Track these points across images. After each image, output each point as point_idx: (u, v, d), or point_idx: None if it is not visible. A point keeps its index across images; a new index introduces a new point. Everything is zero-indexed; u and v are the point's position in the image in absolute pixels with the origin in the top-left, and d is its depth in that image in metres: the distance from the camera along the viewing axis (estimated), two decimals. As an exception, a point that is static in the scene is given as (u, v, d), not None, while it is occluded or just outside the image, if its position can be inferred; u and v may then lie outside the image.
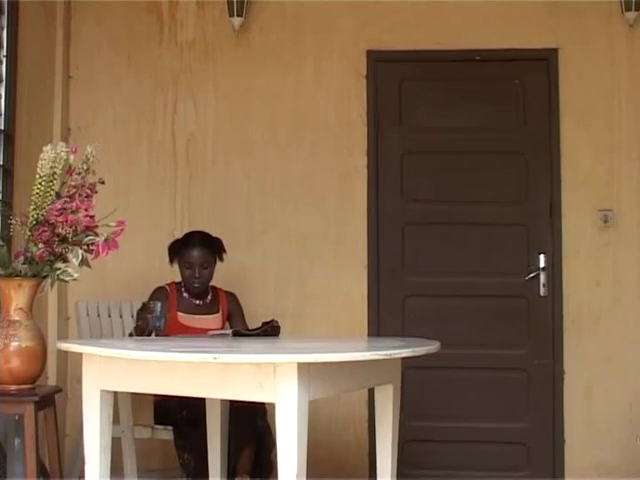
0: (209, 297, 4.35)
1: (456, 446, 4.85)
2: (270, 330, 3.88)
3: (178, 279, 4.39)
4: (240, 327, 4.24)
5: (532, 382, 4.86)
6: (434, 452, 4.86)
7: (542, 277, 4.85)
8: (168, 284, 4.35)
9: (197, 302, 4.33)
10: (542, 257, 4.86)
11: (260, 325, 3.90)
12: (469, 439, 4.86)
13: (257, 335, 3.84)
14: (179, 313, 4.27)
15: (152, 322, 3.74)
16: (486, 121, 4.96)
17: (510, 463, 4.83)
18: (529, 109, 4.97)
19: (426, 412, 4.86)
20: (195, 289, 4.31)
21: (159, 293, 4.28)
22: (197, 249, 4.28)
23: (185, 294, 4.33)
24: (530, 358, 4.86)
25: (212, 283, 4.39)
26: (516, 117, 4.97)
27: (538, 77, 4.96)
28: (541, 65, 4.95)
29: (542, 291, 4.85)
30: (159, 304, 3.78)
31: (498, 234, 4.91)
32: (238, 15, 4.93)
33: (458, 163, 4.94)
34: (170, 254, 4.37)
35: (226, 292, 4.42)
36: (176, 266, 4.37)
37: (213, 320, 4.32)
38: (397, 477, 3.46)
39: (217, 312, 4.36)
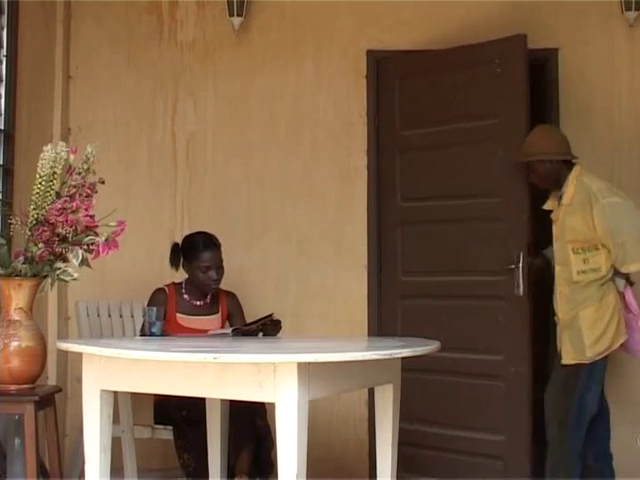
0: (209, 297, 4.34)
1: (443, 452, 4.72)
2: (270, 324, 3.87)
3: (178, 280, 4.38)
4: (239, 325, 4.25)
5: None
6: (428, 457, 4.80)
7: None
8: (167, 285, 4.33)
9: (197, 303, 4.32)
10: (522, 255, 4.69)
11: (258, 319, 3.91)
12: (467, 437, 4.82)
13: (256, 330, 3.85)
14: (178, 314, 4.26)
15: (147, 328, 3.75)
16: (485, 120, 4.86)
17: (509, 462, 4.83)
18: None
19: (424, 416, 4.77)
20: (213, 290, 4.29)
21: (157, 295, 4.26)
22: (211, 251, 4.25)
23: (185, 295, 4.31)
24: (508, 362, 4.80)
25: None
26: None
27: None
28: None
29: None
30: (154, 309, 3.78)
31: (491, 230, 4.80)
32: (238, 15, 4.93)
33: (458, 161, 4.90)
34: (176, 258, 4.31)
35: (226, 292, 4.41)
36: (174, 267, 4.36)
37: (212, 321, 4.31)
38: None
39: (217, 313, 4.36)
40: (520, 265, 4.47)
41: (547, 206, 4.39)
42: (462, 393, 4.68)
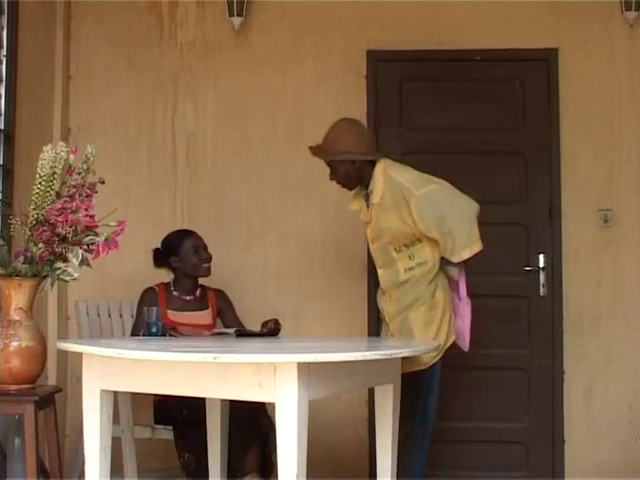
0: (198, 292, 4.37)
1: (456, 446, 4.85)
2: (272, 328, 3.89)
3: (168, 281, 4.39)
4: (232, 322, 4.31)
5: (532, 382, 4.86)
6: (433, 452, 4.85)
7: (541, 277, 4.86)
8: (157, 285, 4.36)
9: (187, 298, 4.33)
10: (541, 257, 4.87)
11: (261, 328, 3.92)
12: (469, 439, 4.86)
13: (258, 333, 3.86)
14: (169, 311, 4.27)
15: (147, 328, 3.75)
16: (486, 121, 4.96)
17: (510, 463, 4.84)
18: (529, 109, 4.97)
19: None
20: (207, 272, 4.33)
21: (148, 294, 4.30)
22: (192, 234, 4.36)
23: (175, 292, 4.33)
24: (530, 358, 4.87)
25: (200, 282, 4.39)
26: (516, 117, 4.97)
27: (538, 77, 4.96)
28: (541, 65, 4.95)
29: (542, 291, 4.86)
30: (154, 309, 3.78)
31: (498, 234, 4.89)
32: (238, 15, 4.93)
33: (458, 163, 4.93)
34: (166, 259, 4.35)
35: (214, 289, 4.43)
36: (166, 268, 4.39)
37: (203, 316, 4.33)
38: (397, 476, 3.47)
39: (207, 308, 4.37)
40: (542, 267, 4.84)
41: (354, 206, 4.08)
42: (483, 386, 4.88)
